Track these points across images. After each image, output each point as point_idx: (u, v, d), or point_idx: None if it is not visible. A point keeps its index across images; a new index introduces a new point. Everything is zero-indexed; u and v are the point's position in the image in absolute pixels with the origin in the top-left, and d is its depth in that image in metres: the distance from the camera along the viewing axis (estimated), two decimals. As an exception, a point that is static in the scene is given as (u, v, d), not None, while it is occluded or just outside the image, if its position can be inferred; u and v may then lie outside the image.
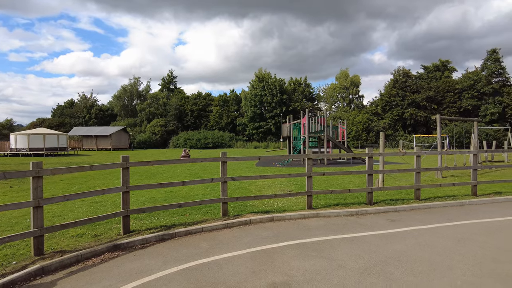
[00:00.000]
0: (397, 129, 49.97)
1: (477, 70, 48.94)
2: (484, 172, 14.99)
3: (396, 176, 13.13)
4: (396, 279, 4.06)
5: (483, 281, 3.98)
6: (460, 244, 5.34)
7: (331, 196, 8.74)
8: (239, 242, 5.53)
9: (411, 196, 8.75)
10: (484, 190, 9.80)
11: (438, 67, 54.47)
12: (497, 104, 45.12)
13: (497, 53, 47.65)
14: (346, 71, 64.04)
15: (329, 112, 58.61)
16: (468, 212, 7.50)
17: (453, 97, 48.56)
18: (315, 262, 4.64)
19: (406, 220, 6.80)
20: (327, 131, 21.20)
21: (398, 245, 5.30)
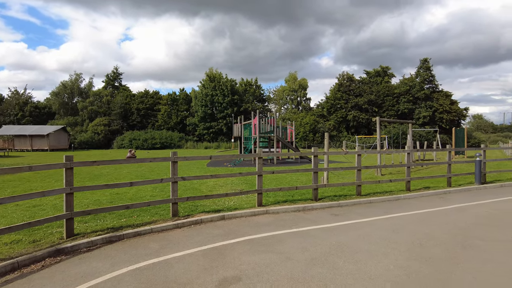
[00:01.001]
0: (341, 130, 52.75)
1: (412, 77, 53.52)
2: (417, 169, 16.50)
3: (339, 173, 13.95)
4: (339, 267, 4.40)
5: (411, 264, 4.48)
6: (394, 233, 5.90)
7: (280, 194, 9.07)
8: (190, 241, 5.55)
9: (353, 192, 9.39)
10: (416, 185, 10.83)
11: (379, 73, 58.49)
12: (428, 108, 49.74)
13: (428, 62, 52.56)
14: (294, 74, 66.12)
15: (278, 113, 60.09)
16: (402, 205, 8.25)
17: (392, 101, 52.54)
18: (265, 256, 4.83)
19: (348, 214, 7.32)
20: (276, 132, 21.78)
21: (341, 237, 5.71)
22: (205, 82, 56.49)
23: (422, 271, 4.27)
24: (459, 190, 10.47)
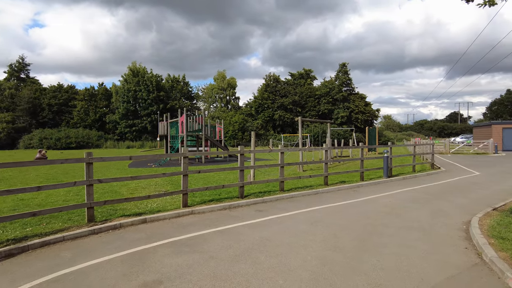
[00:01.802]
0: (268, 129, 54.47)
1: (332, 80, 57.61)
2: (335, 165, 17.86)
3: (266, 171, 14.40)
4: (261, 262, 4.55)
5: (326, 254, 4.84)
6: (313, 226, 6.31)
7: (207, 193, 9.01)
8: (108, 247, 5.20)
9: (277, 188, 9.78)
10: (334, 180, 11.72)
11: (302, 75, 61.68)
12: (346, 109, 54.09)
13: (346, 67, 57.11)
14: (223, 73, 66.21)
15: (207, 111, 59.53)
16: (320, 199, 8.86)
17: (314, 102, 55.92)
18: (188, 257, 4.76)
19: (272, 210, 7.60)
20: (205, 130, 21.57)
21: (264, 232, 5.91)
22: (128, 77, 53.21)
23: (336, 259, 4.64)
24: (370, 183, 11.62)
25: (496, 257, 4.44)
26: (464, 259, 4.65)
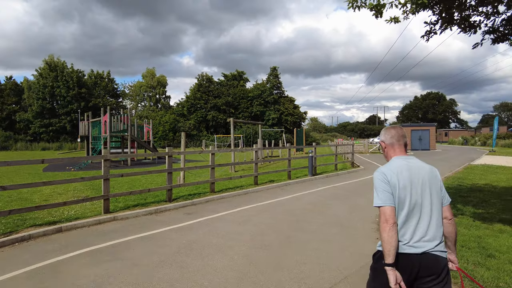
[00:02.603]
0: (201, 130, 53.79)
1: (264, 83, 59.12)
2: (265, 165, 18.36)
3: (197, 172, 14.20)
4: (187, 265, 4.47)
5: (253, 252, 4.96)
6: (241, 226, 6.40)
7: (132, 198, 8.56)
8: (13, 262, 4.63)
9: (208, 190, 9.72)
10: (263, 180, 12.05)
11: (235, 76, 62.13)
12: (276, 111, 55.97)
13: (277, 70, 59.10)
14: (152, 70, 63.61)
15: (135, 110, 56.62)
16: (250, 199, 9.03)
17: (247, 103, 56.77)
18: (109, 265, 4.47)
19: (201, 212, 7.53)
20: (131, 131, 20.45)
21: (191, 235, 5.82)
22: (44, 71, 47.90)
23: (262, 257, 4.78)
24: (297, 181, 12.20)
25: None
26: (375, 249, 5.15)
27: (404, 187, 2.10)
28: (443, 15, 6.18)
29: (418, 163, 2.25)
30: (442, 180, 2.64)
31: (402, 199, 2.09)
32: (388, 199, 2.09)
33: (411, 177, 2.14)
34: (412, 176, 2.14)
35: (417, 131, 37.11)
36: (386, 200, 2.08)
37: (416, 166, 2.21)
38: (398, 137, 2.31)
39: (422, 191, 2.13)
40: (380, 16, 5.64)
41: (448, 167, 17.06)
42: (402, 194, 2.09)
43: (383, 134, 2.39)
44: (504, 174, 13.71)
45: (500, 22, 6.41)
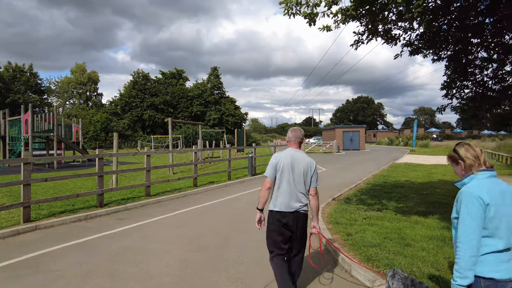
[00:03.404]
0: (136, 130, 51.35)
1: (204, 82, 58.45)
2: (205, 166, 18.18)
3: (132, 175, 13.54)
4: (119, 273, 4.25)
5: (190, 255, 4.89)
6: (178, 229, 6.26)
7: (58, 204, 7.87)
8: None
9: (143, 194, 9.32)
10: (203, 181, 11.92)
11: (174, 75, 60.50)
12: (217, 112, 55.75)
13: (217, 71, 58.87)
14: (83, 65, 59.10)
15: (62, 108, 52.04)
16: (189, 201, 8.87)
17: (186, 103, 55.60)
18: (29, 280, 4.06)
19: (136, 217, 7.20)
20: (58, 131, 18.77)
21: (125, 241, 5.54)
22: None
23: (199, 259, 4.73)
24: (237, 182, 12.29)
25: (331, 238, 5.34)
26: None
27: (283, 166, 3.30)
28: (369, 26, 6.74)
29: (301, 155, 3.39)
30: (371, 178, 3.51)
31: (281, 175, 3.30)
32: (271, 174, 3.34)
33: (292, 163, 3.31)
34: (292, 162, 3.31)
35: (348, 132, 39.80)
36: (269, 174, 3.35)
37: (298, 156, 3.35)
38: (295, 137, 3.48)
39: (296, 173, 3.29)
40: (313, 24, 5.95)
41: (375, 166, 18.60)
42: (281, 171, 3.30)
43: (288, 132, 3.54)
44: (421, 171, 15.35)
45: (415, 36, 7.19)
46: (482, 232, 1.98)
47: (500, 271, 1.96)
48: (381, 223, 6.21)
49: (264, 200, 3.37)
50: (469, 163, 2.15)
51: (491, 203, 1.97)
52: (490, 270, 1.96)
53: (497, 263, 1.97)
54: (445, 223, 6.13)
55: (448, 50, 7.50)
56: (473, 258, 1.95)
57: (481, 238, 1.97)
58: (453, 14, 6.75)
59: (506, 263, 1.98)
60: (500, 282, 1.95)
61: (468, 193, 2.02)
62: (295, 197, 3.28)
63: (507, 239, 1.98)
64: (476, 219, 1.96)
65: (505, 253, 1.99)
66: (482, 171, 2.10)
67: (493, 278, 1.95)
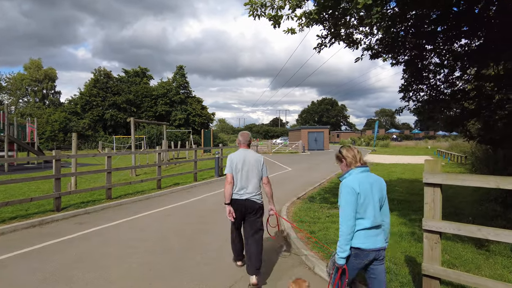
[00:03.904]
0: (97, 130, 49.24)
1: (169, 81, 57.18)
2: (170, 167, 17.80)
3: (92, 177, 12.96)
4: (77, 280, 4.05)
5: (154, 258, 4.76)
6: (141, 232, 6.08)
7: (9, 209, 7.35)
8: None
9: (104, 196, 8.96)
10: (168, 183, 11.67)
11: (138, 73, 58.65)
12: (183, 111, 54.78)
13: (183, 69, 57.82)
14: (38, 61, 55.71)
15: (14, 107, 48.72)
16: (153, 203, 8.65)
17: (150, 102, 54.09)
18: (-26, 292, 3.77)
19: (96, 221, 6.90)
20: (9, 131, 17.53)
21: (83, 246, 5.29)
22: None
23: (163, 262, 4.63)
24: (203, 183, 12.16)
25: (295, 237, 5.44)
26: (274, 244, 5.49)
27: (237, 163, 4.02)
28: (332, 30, 6.95)
29: (251, 153, 4.13)
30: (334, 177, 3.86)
31: (236, 171, 4.01)
32: (229, 170, 4.03)
33: (244, 160, 4.03)
34: (244, 159, 4.04)
35: (313, 133, 40.75)
36: (228, 171, 4.03)
37: (248, 155, 4.09)
38: (244, 140, 4.20)
39: (248, 167, 4.03)
40: (278, 26, 6.02)
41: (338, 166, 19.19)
42: (236, 168, 4.01)
43: (239, 136, 4.28)
44: (381, 170, 16.05)
45: (375, 41, 7.51)
46: (356, 215, 2.58)
47: (366, 243, 2.59)
48: (343, 221, 6.42)
49: (228, 195, 3.99)
50: (349, 161, 2.76)
51: (361, 192, 2.57)
52: (359, 242, 2.58)
53: (365, 237, 2.59)
54: (403, 219, 6.46)
55: (405, 55, 7.90)
56: (350, 236, 2.55)
57: (355, 220, 2.57)
58: (409, 21, 7.12)
59: (373, 238, 2.61)
60: (365, 251, 2.59)
61: (345, 185, 2.63)
62: (248, 187, 4.02)
63: (373, 219, 2.58)
64: (351, 205, 2.55)
65: (373, 230, 2.61)
66: (357, 167, 2.70)
67: (360, 248, 2.59)
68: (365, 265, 2.69)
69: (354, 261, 2.63)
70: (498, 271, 4.16)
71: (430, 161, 3.08)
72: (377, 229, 2.65)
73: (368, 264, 2.68)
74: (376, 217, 2.61)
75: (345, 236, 2.56)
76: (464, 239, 5.11)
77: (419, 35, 7.17)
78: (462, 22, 6.67)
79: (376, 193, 2.65)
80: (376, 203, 2.63)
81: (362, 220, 2.59)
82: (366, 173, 2.72)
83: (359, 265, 2.65)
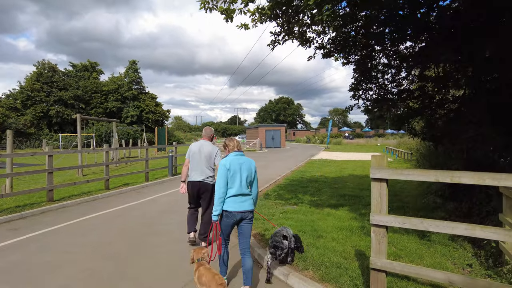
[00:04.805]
0: (41, 128, 45.66)
1: (121, 76, 54.51)
2: (121, 167, 16.94)
3: (33, 178, 11.91)
4: (5, 294, 3.62)
5: (97, 264, 4.41)
6: (85, 236, 5.64)
7: None
8: None
9: (45, 199, 8.23)
10: (117, 183, 11.04)
11: (86, 67, 55.23)
12: (136, 108, 52.56)
13: (136, 65, 55.43)
14: (-30, 52, 50.20)
15: None
16: (100, 205, 8.11)
17: (101, 98, 51.18)
18: None
19: (33, 226, 6.29)
20: None
21: (15, 255, 4.77)
22: None
23: (107, 268, 4.31)
24: (156, 183, 11.69)
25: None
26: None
27: (194, 151, 5.09)
28: (285, 27, 6.95)
29: (207, 144, 5.16)
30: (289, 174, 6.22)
31: (193, 157, 5.07)
32: (187, 156, 5.16)
33: (200, 149, 5.09)
34: (200, 149, 5.08)
35: (270, 131, 41.21)
36: (187, 156, 5.19)
37: (205, 145, 5.14)
38: (206, 133, 5.28)
39: (204, 155, 5.03)
40: (231, 20, 5.88)
41: (294, 162, 19.54)
42: (193, 155, 5.06)
43: (203, 130, 5.34)
44: (334, 166, 16.59)
45: (327, 40, 7.66)
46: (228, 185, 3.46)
47: (232, 207, 3.47)
48: (296, 217, 6.47)
49: (184, 174, 5.28)
50: (231, 148, 3.69)
51: (230, 169, 3.47)
52: (228, 206, 3.47)
53: (232, 202, 3.47)
54: (354, 214, 6.66)
55: (356, 55, 8.15)
56: (221, 199, 3.43)
57: (226, 189, 3.45)
58: (359, 21, 7.35)
59: (239, 203, 3.49)
60: (232, 212, 3.47)
61: (221, 163, 3.55)
62: (201, 171, 5.03)
63: (238, 189, 3.47)
64: (223, 177, 3.45)
65: (239, 197, 3.49)
66: (233, 152, 3.65)
67: (228, 210, 3.47)
68: (236, 223, 3.56)
69: (225, 220, 3.52)
70: (437, 259, 4.41)
71: (376, 156, 3.13)
72: (243, 196, 3.51)
73: (238, 222, 3.56)
74: (242, 187, 3.49)
75: (218, 200, 3.43)
76: (409, 231, 5.37)
77: (368, 35, 7.42)
78: (406, 26, 7.01)
79: (244, 171, 3.53)
80: (244, 178, 3.51)
81: (230, 189, 3.47)
82: (238, 156, 3.63)
83: (230, 223, 3.53)
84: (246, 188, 3.51)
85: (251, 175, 3.58)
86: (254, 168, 3.65)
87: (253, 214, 3.62)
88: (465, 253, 4.68)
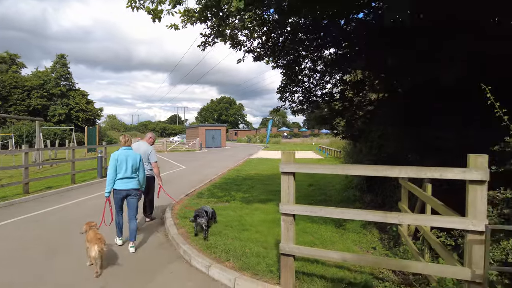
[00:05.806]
0: None
1: (47, 71, 49.89)
2: (45, 169, 15.63)
3: None
4: None
5: (10, 273, 4.16)
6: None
7: None
8: None
9: None
10: (38, 187, 10.23)
11: (5, 60, 49.61)
12: (65, 106, 48.56)
13: (65, 59, 51.10)
14: None
15: None
16: (16, 210, 7.49)
17: (22, 94, 46.37)
18: None
19: None
20: None
21: None
22: None
23: (22, 278, 4.09)
24: (83, 185, 11.06)
25: (176, 233, 5.46)
26: (156, 242, 5.39)
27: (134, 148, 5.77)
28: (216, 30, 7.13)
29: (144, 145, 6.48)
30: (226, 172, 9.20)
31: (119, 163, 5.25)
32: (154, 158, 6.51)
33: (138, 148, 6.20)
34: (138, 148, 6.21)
35: (211, 131, 41.11)
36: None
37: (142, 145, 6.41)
38: (146, 137, 6.77)
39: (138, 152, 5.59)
40: (158, 20, 5.89)
41: (233, 161, 19.83)
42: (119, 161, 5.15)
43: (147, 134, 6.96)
44: (269, 164, 17.22)
45: (256, 44, 8.01)
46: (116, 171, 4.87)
47: (119, 186, 4.90)
48: (226, 213, 6.71)
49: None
50: (122, 143, 5.08)
51: (118, 159, 4.88)
52: (116, 185, 4.90)
53: (120, 183, 4.89)
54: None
55: (284, 59, 8.65)
56: (111, 181, 4.86)
57: (115, 174, 4.87)
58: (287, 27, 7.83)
59: (125, 183, 4.91)
60: (119, 190, 4.90)
61: (112, 154, 4.97)
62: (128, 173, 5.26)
63: (124, 173, 4.88)
64: (112, 165, 4.88)
65: (125, 179, 4.90)
66: (123, 147, 5.02)
67: (116, 188, 4.91)
68: (124, 198, 4.98)
69: (115, 196, 4.97)
70: (348, 245, 4.96)
71: (286, 153, 3.47)
72: (128, 179, 4.93)
73: (125, 197, 4.97)
74: (127, 172, 4.90)
75: (108, 182, 4.88)
76: (328, 221, 5.91)
77: (295, 41, 7.94)
78: (329, 33, 7.65)
79: (130, 161, 4.94)
80: (129, 166, 4.92)
81: (118, 174, 4.89)
82: (126, 150, 5.01)
83: (118, 198, 4.96)
84: (131, 173, 4.94)
85: (136, 164, 5.00)
86: (139, 159, 5.10)
87: (138, 191, 5.04)
88: (373, 238, 5.32)
